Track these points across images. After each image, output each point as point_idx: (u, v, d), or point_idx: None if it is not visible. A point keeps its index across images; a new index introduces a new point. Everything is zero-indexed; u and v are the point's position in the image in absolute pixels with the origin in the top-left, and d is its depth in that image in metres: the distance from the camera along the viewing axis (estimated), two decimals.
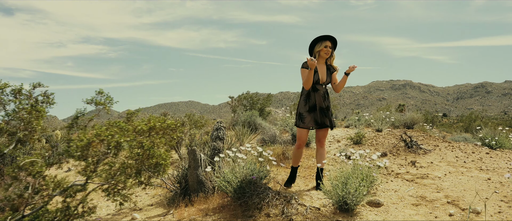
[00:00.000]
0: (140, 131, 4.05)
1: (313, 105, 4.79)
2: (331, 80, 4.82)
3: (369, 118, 10.66)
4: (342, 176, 4.22)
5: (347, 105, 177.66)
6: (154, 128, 4.08)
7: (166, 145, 4.25)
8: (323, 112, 4.77)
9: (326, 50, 4.68)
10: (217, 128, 6.00)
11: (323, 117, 4.77)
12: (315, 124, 4.82)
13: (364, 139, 7.98)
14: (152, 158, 3.80)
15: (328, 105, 4.79)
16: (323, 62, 4.82)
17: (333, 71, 4.81)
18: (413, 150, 6.85)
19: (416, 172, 5.68)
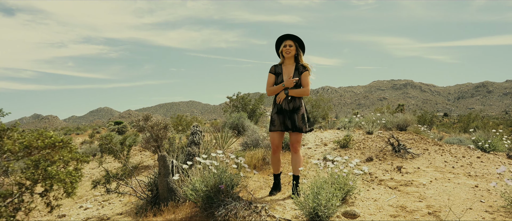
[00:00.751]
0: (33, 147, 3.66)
1: (280, 108, 4.55)
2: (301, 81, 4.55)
3: (360, 119, 10.38)
4: (314, 185, 3.95)
5: (348, 105, 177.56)
6: (30, 147, 3.64)
7: (75, 161, 3.88)
8: (288, 114, 4.50)
9: (286, 50, 4.47)
10: (192, 132, 5.73)
11: (287, 119, 4.50)
12: (284, 127, 4.55)
13: (351, 142, 7.70)
14: (48, 179, 3.40)
15: (294, 107, 4.50)
16: (290, 62, 4.57)
17: (303, 71, 4.51)
18: (401, 154, 6.57)
19: (401, 178, 5.40)
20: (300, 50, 4.56)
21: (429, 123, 23.71)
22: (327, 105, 17.13)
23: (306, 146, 7.97)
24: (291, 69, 4.54)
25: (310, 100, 17.13)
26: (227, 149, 6.37)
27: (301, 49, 4.58)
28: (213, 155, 4.65)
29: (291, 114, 4.47)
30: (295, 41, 4.52)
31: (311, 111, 16.76)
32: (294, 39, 4.52)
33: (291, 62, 4.57)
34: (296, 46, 4.52)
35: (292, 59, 4.56)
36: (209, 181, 4.17)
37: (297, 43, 4.53)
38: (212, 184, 4.12)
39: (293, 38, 4.51)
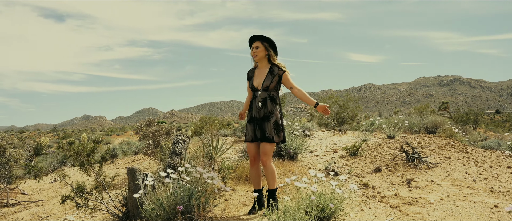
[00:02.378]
0: None
1: (251, 116, 4.08)
2: (284, 85, 4.02)
3: (380, 122, 9.54)
4: (286, 208, 3.38)
5: (391, 103, 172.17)
6: None
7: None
8: (257, 122, 3.98)
9: (252, 53, 4.03)
10: (175, 141, 5.28)
11: (257, 129, 3.99)
12: (254, 137, 4.02)
13: (365, 148, 6.97)
14: None
15: (265, 115, 3.93)
16: (264, 65, 4.05)
17: (278, 73, 3.95)
18: (415, 164, 5.79)
19: (407, 194, 4.66)
20: (271, 50, 4.02)
21: (474, 122, 22.06)
22: (356, 105, 16.18)
23: (314, 152, 7.31)
24: (264, 72, 4.02)
25: (337, 101, 16.28)
26: (219, 159, 5.86)
27: (272, 48, 4.03)
28: (180, 169, 4.17)
29: (261, 122, 3.92)
30: (264, 42, 3.99)
31: (338, 112, 15.93)
32: (262, 40, 3.99)
33: (264, 64, 4.07)
34: (265, 46, 4.00)
35: (264, 61, 4.06)
36: (167, 201, 3.69)
37: (266, 44, 3.99)
38: (169, 205, 3.64)
39: (261, 38, 4.00)
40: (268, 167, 3.98)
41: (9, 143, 6.68)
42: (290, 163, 6.20)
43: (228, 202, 4.77)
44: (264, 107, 3.93)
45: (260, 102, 3.93)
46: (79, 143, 6.95)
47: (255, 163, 4.12)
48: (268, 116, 3.91)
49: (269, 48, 4.01)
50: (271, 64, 4.03)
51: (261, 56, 4.00)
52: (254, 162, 4.12)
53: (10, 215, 6.29)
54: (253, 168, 4.14)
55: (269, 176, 4.01)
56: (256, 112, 3.97)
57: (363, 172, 5.72)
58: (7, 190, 6.62)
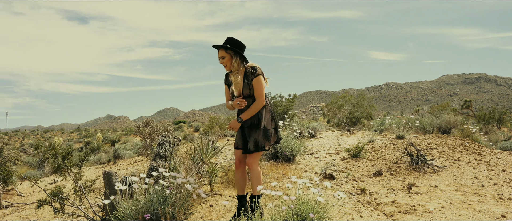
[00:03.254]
0: None
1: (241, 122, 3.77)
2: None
3: (390, 121, 9.06)
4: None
5: (414, 102, 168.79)
6: None
7: None
8: (247, 131, 3.71)
9: (221, 62, 3.67)
10: (159, 143, 5.02)
11: (242, 138, 3.75)
12: (242, 145, 3.75)
13: (369, 150, 6.57)
14: None
15: (253, 123, 3.65)
16: (237, 71, 3.69)
17: (252, 78, 3.61)
18: (418, 167, 5.36)
19: (406, 201, 4.26)
20: (237, 57, 3.65)
21: (498, 121, 21.13)
22: (370, 104, 15.63)
23: (315, 154, 6.94)
24: (240, 78, 3.69)
25: (350, 100, 15.78)
26: (208, 161, 5.56)
27: (238, 54, 3.66)
28: (154, 173, 3.89)
29: (249, 130, 3.67)
30: (228, 51, 3.63)
31: (352, 111, 15.44)
32: (226, 49, 3.63)
33: (238, 68, 3.71)
34: (231, 54, 3.63)
35: (234, 69, 3.70)
36: (132, 208, 3.42)
37: (231, 52, 3.64)
38: (133, 214, 3.36)
39: (223, 48, 3.63)
40: (253, 170, 3.70)
41: (5, 144, 6.54)
42: (285, 166, 5.86)
43: (212, 208, 4.47)
44: (250, 119, 3.65)
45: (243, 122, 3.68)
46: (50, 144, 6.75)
47: (240, 166, 3.84)
48: (256, 123, 3.64)
49: (234, 55, 3.65)
50: (245, 69, 3.69)
51: (230, 66, 3.66)
52: (239, 165, 3.84)
53: (1, 217, 6.17)
54: (237, 171, 3.86)
55: (254, 180, 3.71)
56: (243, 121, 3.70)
57: (362, 176, 5.33)
58: (0, 193, 6.51)
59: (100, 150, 17.03)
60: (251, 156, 3.69)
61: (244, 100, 3.61)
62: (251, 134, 3.64)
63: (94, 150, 20.18)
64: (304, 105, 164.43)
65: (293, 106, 13.68)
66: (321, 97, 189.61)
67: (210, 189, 5.01)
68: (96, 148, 20.39)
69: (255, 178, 3.70)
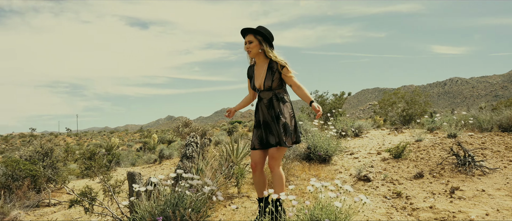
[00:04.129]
0: None
1: (258, 120, 3.65)
2: (282, 82, 3.55)
3: (440, 119, 8.41)
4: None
5: (482, 98, 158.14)
6: None
7: None
8: (268, 126, 3.52)
9: (246, 47, 3.56)
10: (187, 143, 4.99)
11: (267, 133, 3.53)
12: (259, 143, 3.58)
13: (411, 150, 6.11)
14: None
15: (276, 115, 3.47)
16: (261, 61, 3.61)
17: (278, 69, 3.50)
18: (466, 170, 4.86)
19: (445, 207, 3.86)
20: (265, 44, 3.52)
21: None
22: (425, 100, 14.73)
23: (354, 154, 6.59)
24: (263, 69, 3.60)
25: (403, 97, 14.98)
26: (238, 163, 5.44)
27: (267, 42, 3.54)
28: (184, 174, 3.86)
29: (269, 125, 3.53)
30: (257, 35, 3.51)
31: (405, 108, 14.65)
32: (255, 33, 3.51)
33: (262, 60, 3.63)
34: (259, 40, 3.52)
35: (261, 56, 3.62)
36: (147, 210, 3.38)
37: (260, 37, 3.51)
38: (148, 215, 3.32)
39: (253, 32, 3.52)
40: (275, 173, 3.54)
41: (56, 145, 6.89)
42: (319, 167, 5.60)
43: (237, 210, 4.35)
44: (270, 109, 3.51)
45: (265, 104, 3.55)
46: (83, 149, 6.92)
47: (256, 169, 3.68)
48: (276, 117, 3.48)
49: (263, 42, 3.54)
50: (269, 60, 3.57)
51: (255, 52, 3.55)
52: (256, 168, 3.68)
53: (48, 215, 6.49)
54: (255, 174, 3.71)
55: (276, 183, 3.55)
56: (262, 115, 3.57)
57: (401, 178, 4.94)
58: (49, 191, 6.87)
59: (155, 150, 17.66)
60: (274, 156, 3.53)
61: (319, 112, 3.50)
62: (272, 129, 3.49)
63: (150, 150, 20.98)
64: (362, 104, 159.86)
65: (340, 105, 13.23)
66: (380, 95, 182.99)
67: (237, 191, 4.90)
68: (152, 148, 21.17)
69: (277, 180, 3.54)
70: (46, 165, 7.21)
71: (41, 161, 7.31)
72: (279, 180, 3.53)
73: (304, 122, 8.32)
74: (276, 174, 3.52)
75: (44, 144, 7.63)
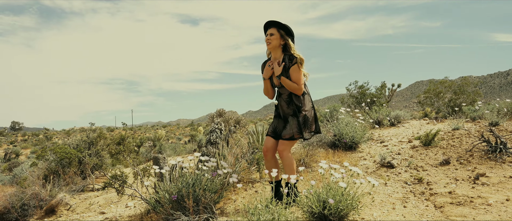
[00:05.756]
0: None
1: (278, 113, 3.80)
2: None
3: (481, 108, 8.01)
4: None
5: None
6: None
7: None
8: (286, 121, 3.68)
9: (266, 39, 3.64)
10: (211, 130, 5.19)
11: (282, 125, 3.70)
12: (272, 131, 3.71)
13: (443, 138, 5.92)
14: None
15: (297, 108, 3.59)
16: (278, 54, 3.69)
17: (290, 65, 3.54)
18: (496, 156, 4.66)
19: (465, 192, 3.76)
20: (288, 38, 3.60)
21: None
22: (474, 90, 14.00)
23: (384, 142, 6.48)
24: (277, 63, 3.67)
25: (451, 86, 14.32)
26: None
27: (289, 36, 3.61)
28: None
29: (288, 118, 3.65)
30: (280, 29, 3.59)
31: (453, 99, 14.02)
32: (278, 26, 3.60)
33: (278, 55, 3.71)
34: (281, 34, 3.60)
35: (278, 51, 3.70)
36: (165, 191, 3.61)
37: (282, 31, 3.59)
38: (166, 195, 3.54)
39: (276, 25, 3.60)
40: (285, 158, 3.65)
41: (99, 136, 7.40)
42: (343, 154, 5.59)
43: (257, 194, 4.49)
44: (291, 104, 3.64)
45: (285, 100, 3.67)
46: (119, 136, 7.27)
47: (268, 154, 3.79)
48: (297, 110, 3.61)
49: (285, 36, 3.62)
50: (284, 55, 3.65)
51: (275, 45, 3.64)
52: (267, 153, 3.79)
53: (92, 198, 6.99)
54: (266, 159, 3.83)
55: (286, 167, 3.66)
56: (282, 110, 3.71)
57: (426, 165, 4.83)
58: (93, 177, 7.39)
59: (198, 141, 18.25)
60: (283, 142, 3.63)
61: (280, 62, 3.59)
62: (293, 121, 3.58)
63: (197, 142, 21.65)
64: (415, 96, 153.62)
65: (380, 96, 12.92)
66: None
67: (259, 176, 5.04)
68: (198, 140, 21.86)
69: (287, 165, 3.63)
70: (91, 153, 7.73)
71: (87, 149, 7.85)
72: (289, 163, 3.62)
73: (337, 111, 8.27)
74: (285, 158, 3.61)
75: (90, 134, 8.18)
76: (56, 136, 51.32)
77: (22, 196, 6.18)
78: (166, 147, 11.71)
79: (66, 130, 60.06)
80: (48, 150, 6.98)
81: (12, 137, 50.45)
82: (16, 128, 70.27)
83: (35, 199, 6.20)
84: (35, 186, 6.38)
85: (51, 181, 6.64)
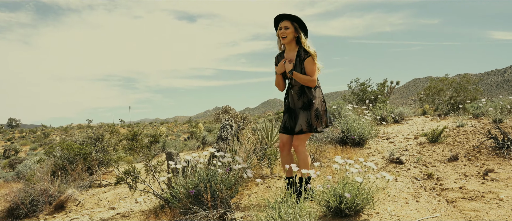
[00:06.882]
0: None
1: (288, 106, 3.81)
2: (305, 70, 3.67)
3: (485, 105, 8.11)
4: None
5: None
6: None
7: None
8: (293, 114, 3.72)
9: (281, 33, 3.63)
10: (222, 126, 5.24)
11: (292, 120, 3.73)
12: (283, 127, 3.77)
13: (449, 135, 6.01)
14: None
15: (305, 103, 3.62)
16: (292, 48, 3.73)
17: (305, 57, 3.60)
18: (503, 153, 4.75)
19: (476, 188, 3.84)
20: (301, 32, 3.64)
21: None
22: (474, 87, 14.10)
23: (391, 139, 6.56)
24: (293, 56, 3.72)
25: (452, 83, 14.41)
26: (272, 145, 5.63)
27: (302, 30, 3.66)
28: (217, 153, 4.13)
29: (299, 111, 3.68)
30: (293, 22, 3.63)
31: (453, 96, 14.11)
32: (292, 20, 3.64)
33: (293, 48, 3.74)
34: (295, 27, 3.64)
35: (293, 44, 3.73)
36: (182, 185, 3.67)
37: (296, 24, 3.63)
38: (183, 190, 3.60)
39: (290, 18, 3.64)
40: (300, 153, 3.69)
41: (106, 131, 7.44)
42: (352, 150, 5.66)
43: (268, 189, 4.56)
44: (301, 96, 3.66)
45: (296, 92, 3.69)
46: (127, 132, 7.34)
47: (284, 150, 3.84)
48: (307, 104, 3.63)
49: (299, 29, 3.66)
50: (299, 47, 3.69)
51: (290, 38, 3.66)
52: (283, 148, 3.84)
53: (99, 194, 7.04)
54: (282, 154, 3.87)
55: (301, 163, 3.70)
56: (292, 102, 3.73)
57: (434, 161, 4.91)
58: (100, 173, 7.43)
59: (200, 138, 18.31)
60: (299, 137, 3.67)
61: (292, 59, 3.63)
62: (303, 115, 3.62)
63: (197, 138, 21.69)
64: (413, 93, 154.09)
65: (382, 93, 13.00)
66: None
67: (270, 172, 5.10)
68: (198, 136, 21.88)
69: (302, 160, 3.68)
70: (97, 149, 7.78)
71: (93, 146, 7.89)
72: (304, 159, 3.67)
73: (343, 108, 8.34)
74: (300, 153, 3.66)
75: (96, 130, 8.22)
76: (54, 132, 51.22)
77: (31, 192, 6.22)
78: (169, 144, 11.75)
79: (63, 127, 59.92)
80: (56, 146, 7.03)
81: (10, 134, 50.34)
82: (13, 124, 70.07)
83: (44, 195, 6.24)
84: (44, 182, 6.42)
85: (59, 177, 6.68)
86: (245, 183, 4.64)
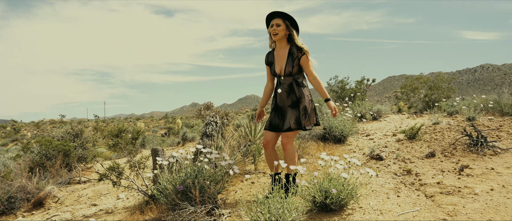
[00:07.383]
0: None
1: (275, 104, 3.86)
2: (302, 68, 3.75)
3: (459, 103, 8.41)
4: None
5: None
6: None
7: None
8: (281, 112, 3.76)
9: (272, 30, 3.68)
10: (207, 122, 5.27)
11: (279, 118, 3.77)
12: (269, 125, 3.82)
13: (426, 132, 6.22)
14: None
15: (294, 101, 3.70)
16: (283, 46, 3.78)
17: (298, 55, 3.67)
18: (477, 150, 4.96)
19: (452, 183, 4.01)
20: (293, 29, 3.71)
21: None
22: (448, 86, 14.55)
23: (370, 136, 6.74)
24: (284, 54, 3.77)
25: (427, 82, 14.83)
26: (255, 142, 5.70)
27: (294, 28, 3.72)
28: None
29: (288, 109, 3.74)
30: (285, 20, 3.69)
31: (428, 94, 14.54)
32: (283, 17, 3.69)
33: (284, 45, 3.80)
34: (287, 25, 3.70)
35: (284, 42, 3.78)
36: (169, 181, 3.69)
37: (287, 22, 3.70)
38: (171, 186, 3.63)
39: (282, 16, 3.69)
40: (287, 150, 3.75)
41: (85, 127, 7.32)
42: (333, 147, 5.80)
43: (253, 185, 4.63)
44: (290, 94, 3.71)
45: (285, 89, 3.73)
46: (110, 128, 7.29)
47: (268, 147, 3.89)
48: (296, 102, 3.69)
49: (291, 27, 3.72)
50: (290, 45, 3.76)
51: (282, 36, 3.72)
52: (267, 146, 3.89)
53: (79, 191, 6.95)
54: (266, 151, 3.93)
55: (288, 160, 3.76)
56: (280, 99, 3.77)
57: (413, 157, 5.09)
58: (79, 169, 7.33)
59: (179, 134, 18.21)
60: (287, 135, 3.73)
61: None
62: (292, 113, 3.68)
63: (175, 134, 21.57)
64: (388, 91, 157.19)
65: (360, 90, 13.27)
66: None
67: (254, 168, 5.17)
68: (176, 132, 21.75)
69: (289, 157, 3.74)
70: (76, 145, 7.66)
71: (72, 142, 7.77)
72: (291, 156, 3.74)
73: (322, 105, 8.49)
74: (288, 150, 3.73)
75: (74, 126, 8.09)
76: (25, 128, 49.81)
77: (8, 189, 6.09)
78: (148, 140, 11.66)
79: (35, 122, 58.29)
80: (34, 142, 6.88)
81: None
82: None
83: (22, 192, 6.12)
84: (21, 179, 6.29)
85: (37, 174, 6.56)
86: (230, 179, 4.69)
